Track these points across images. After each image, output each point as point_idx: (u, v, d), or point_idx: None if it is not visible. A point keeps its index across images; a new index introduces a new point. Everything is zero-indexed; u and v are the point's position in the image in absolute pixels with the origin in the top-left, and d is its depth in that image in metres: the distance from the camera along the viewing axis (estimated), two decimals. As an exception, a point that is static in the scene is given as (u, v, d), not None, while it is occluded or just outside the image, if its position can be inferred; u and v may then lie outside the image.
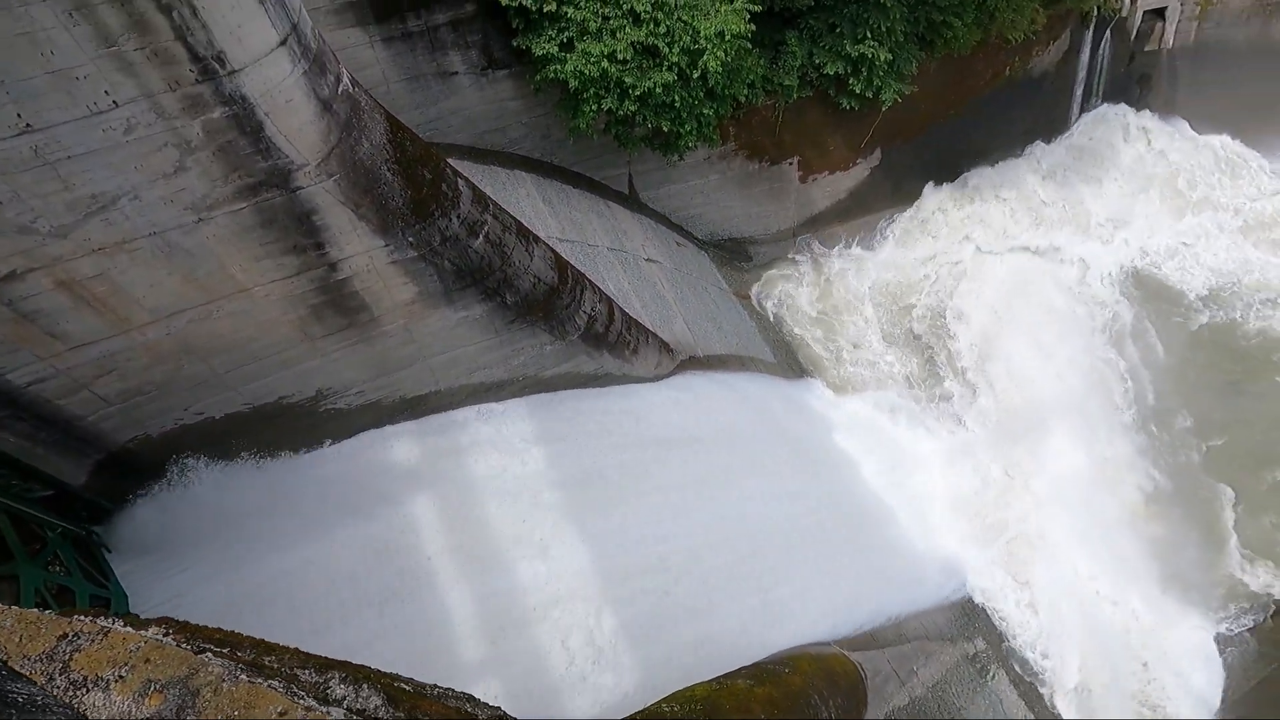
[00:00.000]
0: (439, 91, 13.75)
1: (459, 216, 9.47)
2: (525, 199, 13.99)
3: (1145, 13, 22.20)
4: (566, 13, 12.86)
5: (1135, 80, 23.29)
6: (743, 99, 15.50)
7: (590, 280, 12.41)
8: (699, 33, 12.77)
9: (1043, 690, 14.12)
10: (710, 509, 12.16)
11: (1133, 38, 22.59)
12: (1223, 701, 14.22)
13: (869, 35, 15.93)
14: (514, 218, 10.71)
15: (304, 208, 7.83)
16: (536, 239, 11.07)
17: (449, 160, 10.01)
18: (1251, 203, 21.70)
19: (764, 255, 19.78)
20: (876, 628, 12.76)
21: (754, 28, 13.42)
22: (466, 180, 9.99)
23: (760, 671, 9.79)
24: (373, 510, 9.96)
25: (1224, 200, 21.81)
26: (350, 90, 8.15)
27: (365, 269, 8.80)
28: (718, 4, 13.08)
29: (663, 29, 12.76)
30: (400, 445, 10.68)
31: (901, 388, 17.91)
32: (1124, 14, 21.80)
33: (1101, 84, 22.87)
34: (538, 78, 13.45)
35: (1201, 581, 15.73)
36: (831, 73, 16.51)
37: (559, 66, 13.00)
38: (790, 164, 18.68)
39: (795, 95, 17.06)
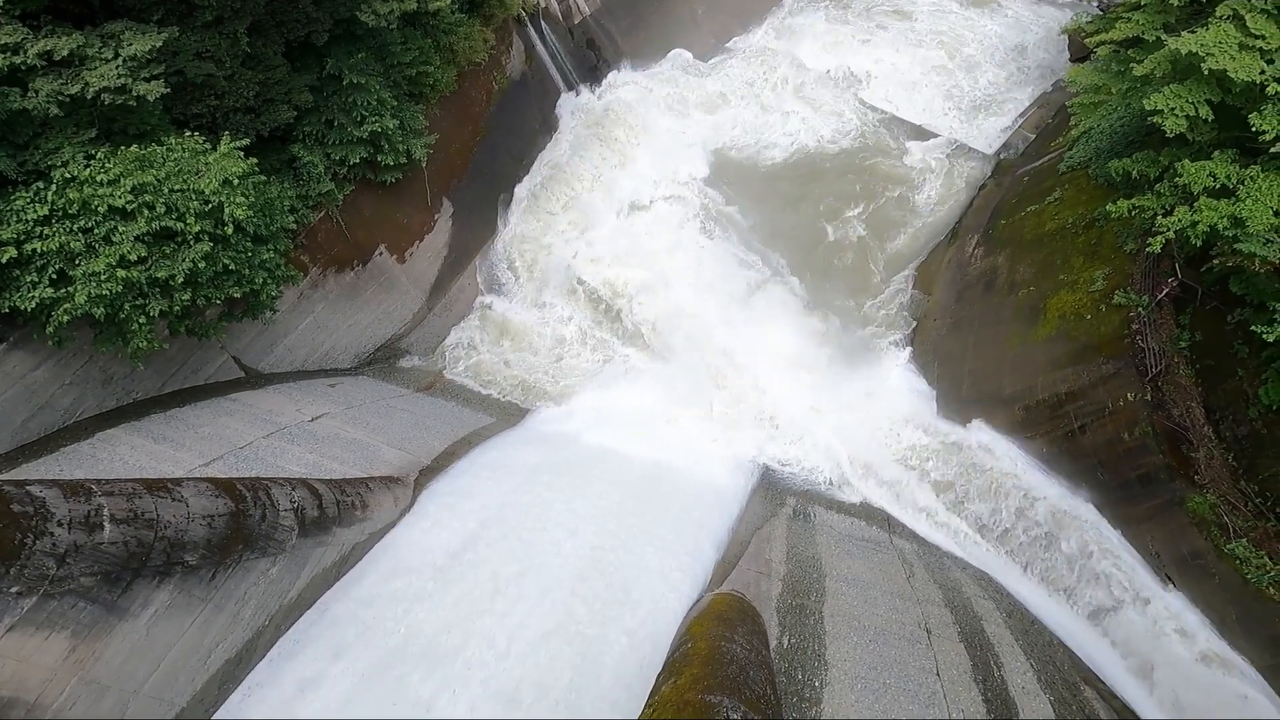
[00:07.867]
0: (-75, 417, 10.56)
1: (61, 523, 7.51)
2: (131, 453, 11.59)
3: (554, -3, 26.35)
4: (35, 249, 10.78)
5: (587, 48, 27.66)
6: (293, 225, 14.76)
7: (269, 478, 10.90)
8: (204, 192, 11.71)
9: (845, 497, 16.72)
10: (535, 581, 11.85)
11: (561, 19, 26.69)
12: (936, 393, 18.36)
13: (366, 115, 16.34)
14: (132, 480, 8.86)
15: None
16: (177, 481, 9.34)
17: (-1, 477, 7.83)
18: (695, 91, 27.59)
19: (418, 343, 19.41)
20: (723, 555, 13.78)
21: (255, 160, 12.75)
22: (42, 481, 7.95)
23: (673, 665, 9.97)
24: None
25: (689, 95, 27.45)
26: None
27: (-25, 664, 6.54)
28: (203, 158, 12.11)
29: (161, 209, 11.41)
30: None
31: (605, 362, 19.26)
32: (541, 4, 25.55)
33: (567, 62, 26.64)
34: (49, 329, 11.11)
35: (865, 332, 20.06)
36: (357, 159, 16.68)
37: (68, 304, 10.89)
38: (381, 254, 18.44)
39: (340, 195, 16.83)
